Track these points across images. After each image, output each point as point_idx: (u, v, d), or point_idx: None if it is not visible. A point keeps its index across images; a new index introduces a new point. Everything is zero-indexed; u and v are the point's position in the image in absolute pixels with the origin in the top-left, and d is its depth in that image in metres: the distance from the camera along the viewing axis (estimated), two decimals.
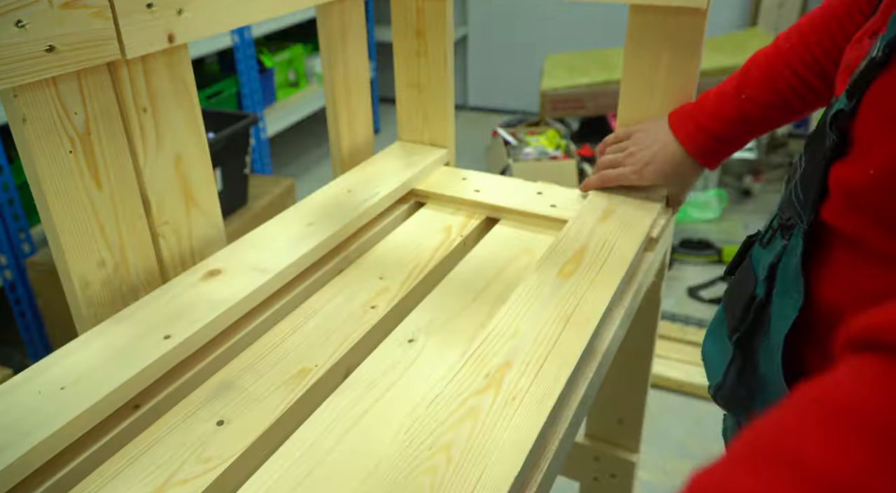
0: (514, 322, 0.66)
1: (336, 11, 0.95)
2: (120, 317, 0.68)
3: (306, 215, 0.88)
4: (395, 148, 1.10)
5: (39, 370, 0.61)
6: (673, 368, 1.90)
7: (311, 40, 3.35)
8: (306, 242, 0.81)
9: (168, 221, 0.75)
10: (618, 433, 1.12)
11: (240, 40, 2.65)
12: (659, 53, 0.86)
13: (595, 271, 0.75)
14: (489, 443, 0.52)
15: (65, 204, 0.64)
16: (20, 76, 0.57)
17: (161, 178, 0.73)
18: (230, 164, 1.91)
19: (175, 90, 0.73)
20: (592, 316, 0.67)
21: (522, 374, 0.59)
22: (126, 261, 0.71)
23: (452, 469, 0.50)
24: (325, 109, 1.03)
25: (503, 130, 2.65)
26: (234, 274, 0.75)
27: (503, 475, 0.50)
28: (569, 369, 0.60)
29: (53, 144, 0.62)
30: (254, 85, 2.78)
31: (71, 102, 0.63)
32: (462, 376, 0.59)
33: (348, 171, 1.03)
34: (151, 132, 0.71)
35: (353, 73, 1.01)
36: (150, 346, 0.64)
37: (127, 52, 0.65)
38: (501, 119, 3.55)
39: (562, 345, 0.63)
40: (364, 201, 0.92)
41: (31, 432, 0.53)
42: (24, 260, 1.80)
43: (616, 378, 1.06)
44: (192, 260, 0.79)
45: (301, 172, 3.35)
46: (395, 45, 1.05)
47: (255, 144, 2.77)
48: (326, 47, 0.96)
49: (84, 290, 0.68)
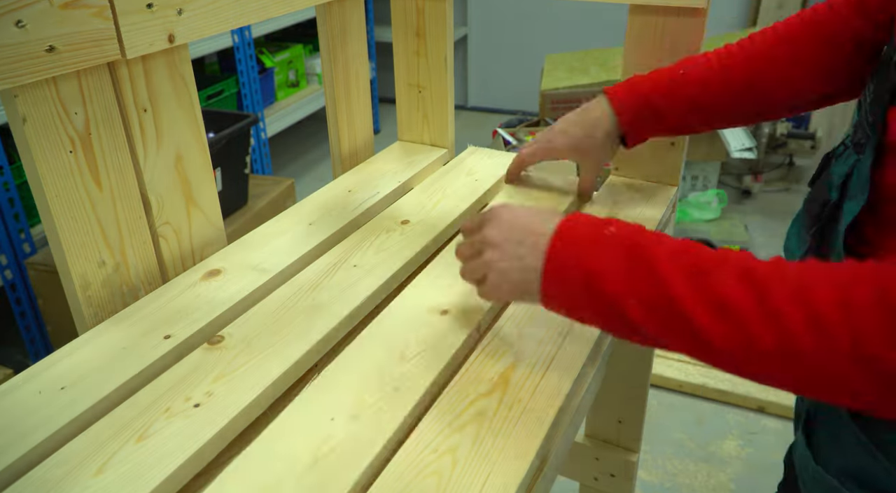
0: (519, 324, 0.66)
1: (336, 11, 0.95)
2: (120, 317, 0.68)
3: (306, 215, 0.88)
4: (395, 148, 1.10)
5: (39, 370, 0.61)
6: (673, 368, 1.90)
7: (311, 40, 3.35)
8: (306, 242, 0.81)
9: (168, 221, 0.75)
10: (618, 433, 1.12)
11: (240, 40, 2.65)
12: (659, 53, 0.86)
13: None
14: (495, 446, 0.52)
15: (65, 204, 0.64)
16: (20, 76, 0.57)
17: (161, 178, 0.73)
18: (230, 164, 1.91)
19: (175, 90, 0.72)
20: None
21: (528, 376, 0.59)
22: (126, 261, 0.71)
23: (458, 472, 0.50)
24: (325, 109, 1.03)
25: (503, 130, 2.65)
26: (234, 274, 0.75)
27: (509, 478, 0.50)
28: (574, 371, 0.60)
29: (53, 144, 0.62)
30: (254, 85, 2.78)
31: (71, 102, 0.63)
32: (467, 378, 0.59)
33: (348, 171, 1.03)
34: (151, 132, 0.71)
35: (353, 73, 1.01)
36: (150, 346, 0.64)
37: (127, 52, 0.65)
38: (501, 119, 3.55)
39: (566, 347, 0.63)
40: (364, 201, 0.92)
41: (31, 432, 0.53)
42: (24, 260, 1.80)
43: (616, 378, 1.06)
44: (192, 260, 0.79)
45: (301, 172, 3.35)
46: (395, 45, 1.05)
47: (255, 144, 2.77)
48: (326, 47, 0.96)
49: (84, 290, 0.68)
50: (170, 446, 0.52)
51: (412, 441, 0.53)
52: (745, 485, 1.67)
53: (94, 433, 0.54)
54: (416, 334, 0.65)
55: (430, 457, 0.51)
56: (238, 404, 0.57)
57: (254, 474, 0.51)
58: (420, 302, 0.70)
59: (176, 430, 0.54)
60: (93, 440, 0.53)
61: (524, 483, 0.50)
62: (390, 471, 0.50)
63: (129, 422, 0.55)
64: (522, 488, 0.50)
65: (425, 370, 0.60)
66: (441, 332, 0.65)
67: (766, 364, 0.47)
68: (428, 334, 0.65)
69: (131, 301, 0.72)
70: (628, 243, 0.52)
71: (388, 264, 0.77)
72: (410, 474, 0.50)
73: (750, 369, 0.48)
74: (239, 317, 0.69)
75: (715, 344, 0.47)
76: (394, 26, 1.04)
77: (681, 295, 0.48)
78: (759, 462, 1.73)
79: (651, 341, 0.51)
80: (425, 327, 0.66)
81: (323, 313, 0.68)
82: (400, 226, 0.86)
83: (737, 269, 0.47)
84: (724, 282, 0.47)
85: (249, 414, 0.57)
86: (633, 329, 0.51)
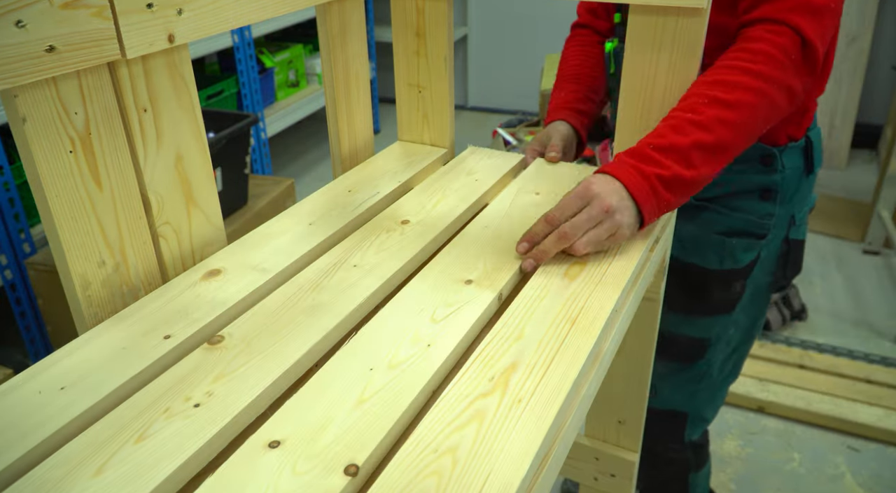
0: (520, 324, 0.66)
1: (336, 11, 0.95)
2: (120, 317, 0.68)
3: (306, 215, 0.88)
4: (395, 148, 1.10)
5: (39, 370, 0.61)
6: None
7: (311, 40, 3.36)
8: (306, 242, 0.81)
9: (168, 221, 0.75)
10: (618, 433, 1.12)
11: (240, 40, 2.65)
12: (659, 53, 0.86)
13: (601, 272, 0.75)
14: (495, 446, 0.52)
15: (65, 204, 0.64)
16: (20, 76, 0.57)
17: (161, 178, 0.73)
18: (230, 164, 1.91)
19: (175, 90, 0.72)
20: (598, 318, 0.67)
21: (528, 376, 0.59)
22: (126, 261, 0.71)
23: (458, 472, 0.50)
24: (325, 109, 1.03)
25: (503, 130, 2.65)
26: (234, 274, 0.75)
27: (509, 478, 0.50)
28: (575, 371, 0.60)
29: (53, 144, 0.62)
30: (254, 85, 2.78)
31: (71, 102, 0.63)
32: (468, 378, 0.59)
33: (348, 171, 1.03)
34: (152, 132, 0.71)
35: (353, 73, 1.01)
36: (150, 346, 0.64)
37: (127, 52, 0.65)
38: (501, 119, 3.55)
39: (567, 347, 0.63)
40: (364, 201, 0.92)
41: (31, 432, 0.53)
42: (24, 260, 1.80)
43: (616, 378, 1.06)
44: (192, 260, 0.79)
45: (301, 172, 3.35)
46: (395, 45, 1.05)
47: (255, 144, 2.77)
48: (326, 47, 0.96)
49: (84, 290, 0.68)
50: (169, 446, 0.52)
51: (412, 441, 0.53)
52: (745, 485, 1.67)
53: (93, 434, 0.54)
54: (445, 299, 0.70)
55: (430, 457, 0.51)
56: (238, 404, 0.57)
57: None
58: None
59: (176, 430, 0.54)
60: (92, 441, 0.53)
61: (524, 483, 0.50)
62: (390, 471, 0.50)
63: (129, 422, 0.55)
64: (522, 488, 0.50)
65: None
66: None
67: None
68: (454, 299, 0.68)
69: (131, 301, 0.72)
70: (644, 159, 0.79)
71: (388, 264, 0.77)
72: (410, 474, 0.50)
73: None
74: (239, 317, 0.69)
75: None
76: (394, 26, 1.04)
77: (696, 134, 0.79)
78: (759, 462, 1.73)
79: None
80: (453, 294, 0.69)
81: (323, 312, 0.68)
82: (400, 226, 0.86)
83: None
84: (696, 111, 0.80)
85: (249, 414, 0.57)
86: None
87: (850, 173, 3.27)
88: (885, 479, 1.67)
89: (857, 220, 2.79)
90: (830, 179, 3.18)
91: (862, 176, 3.22)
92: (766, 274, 1.08)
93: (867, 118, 3.38)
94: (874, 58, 3.27)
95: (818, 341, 2.12)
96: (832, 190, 3.06)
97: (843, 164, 3.31)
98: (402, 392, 0.58)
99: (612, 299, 0.70)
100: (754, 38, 0.82)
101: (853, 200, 2.97)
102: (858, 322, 2.23)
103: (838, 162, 3.30)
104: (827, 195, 2.98)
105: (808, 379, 1.95)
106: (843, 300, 2.35)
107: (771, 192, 1.01)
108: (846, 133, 3.26)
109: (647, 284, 0.86)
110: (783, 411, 1.86)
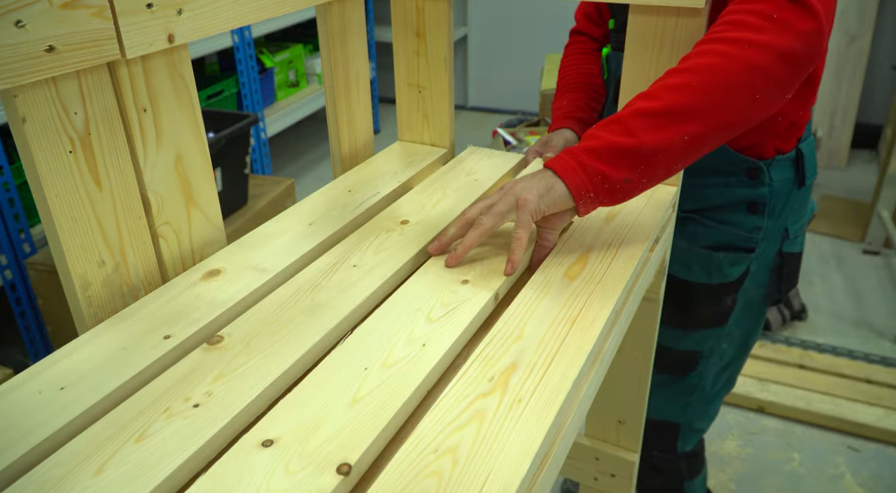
0: (520, 324, 0.66)
1: (336, 11, 0.95)
2: (120, 317, 0.68)
3: (306, 215, 0.88)
4: (395, 148, 1.10)
5: (39, 370, 0.61)
6: None
7: (311, 40, 3.36)
8: (306, 242, 0.81)
9: (168, 221, 0.75)
10: (618, 433, 1.12)
11: (240, 40, 2.65)
12: (659, 53, 0.86)
13: (601, 272, 0.75)
14: (495, 446, 0.52)
15: (65, 204, 0.64)
16: (20, 76, 0.57)
17: (161, 178, 0.73)
18: (230, 164, 1.91)
19: (175, 90, 0.73)
20: (598, 318, 0.67)
21: (528, 376, 0.59)
22: (126, 261, 0.71)
23: (458, 472, 0.50)
24: (325, 109, 1.03)
25: (503, 130, 2.65)
26: (234, 274, 0.75)
27: (509, 478, 0.50)
28: (575, 371, 0.60)
29: (53, 144, 0.62)
30: (254, 85, 2.78)
31: (71, 102, 0.63)
32: (467, 379, 0.59)
33: (348, 171, 1.03)
34: (151, 132, 0.71)
35: (353, 73, 1.01)
36: (150, 346, 0.64)
37: (127, 52, 0.65)
38: (501, 119, 3.55)
39: (567, 347, 0.63)
40: (364, 201, 0.92)
41: (31, 432, 0.53)
42: (24, 260, 1.80)
43: (616, 378, 1.06)
44: (192, 260, 0.79)
45: (301, 172, 3.35)
46: (395, 45, 1.05)
47: (255, 144, 2.77)
48: (326, 47, 0.96)
49: (84, 290, 0.68)
50: (169, 446, 0.52)
51: (412, 441, 0.53)
52: (745, 485, 1.67)
53: (93, 433, 0.54)
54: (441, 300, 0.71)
55: (430, 457, 0.51)
56: (237, 404, 0.57)
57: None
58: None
59: (175, 430, 0.54)
60: (92, 440, 0.53)
61: (524, 483, 0.50)
62: (390, 471, 0.50)
63: (129, 422, 0.55)
64: (522, 488, 0.50)
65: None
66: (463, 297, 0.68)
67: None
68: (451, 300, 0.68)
69: (131, 301, 0.72)
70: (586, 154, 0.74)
71: (388, 264, 0.77)
72: (410, 474, 0.50)
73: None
74: (239, 317, 0.69)
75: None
76: (394, 26, 1.04)
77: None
78: (759, 462, 1.73)
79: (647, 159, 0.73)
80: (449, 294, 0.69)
81: (323, 312, 0.68)
82: (400, 226, 0.86)
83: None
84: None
85: (249, 414, 0.57)
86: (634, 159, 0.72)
87: (850, 173, 3.27)
88: (885, 479, 1.67)
89: (857, 220, 2.79)
90: (830, 179, 3.18)
91: (862, 176, 3.23)
92: (757, 287, 1.06)
93: (867, 118, 3.38)
94: (874, 58, 3.27)
95: (818, 341, 2.13)
96: (832, 190, 3.07)
97: (843, 164, 3.31)
98: (397, 392, 0.58)
99: (613, 298, 0.70)
100: (725, 13, 0.76)
101: (853, 200, 2.97)
102: (858, 322, 2.23)
103: (838, 162, 3.30)
104: (827, 195, 2.99)
105: (808, 379, 1.95)
106: (843, 300, 2.35)
107: (758, 205, 0.99)
108: (846, 133, 3.27)
109: (647, 284, 0.86)
110: (783, 411, 1.86)
